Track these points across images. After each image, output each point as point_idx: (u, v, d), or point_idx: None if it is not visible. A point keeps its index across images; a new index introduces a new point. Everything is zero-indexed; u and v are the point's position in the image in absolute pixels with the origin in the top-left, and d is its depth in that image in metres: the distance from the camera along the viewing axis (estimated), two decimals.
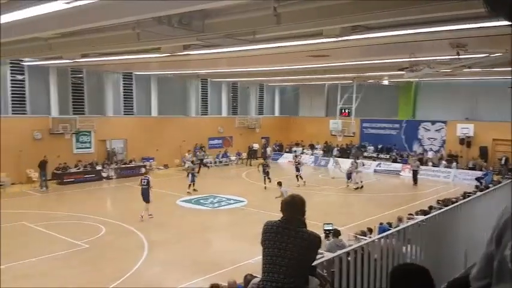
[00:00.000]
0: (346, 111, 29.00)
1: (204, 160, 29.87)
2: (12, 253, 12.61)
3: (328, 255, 4.64)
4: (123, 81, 28.23)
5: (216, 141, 33.55)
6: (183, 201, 19.90)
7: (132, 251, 13.21)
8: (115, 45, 12.65)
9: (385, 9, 7.56)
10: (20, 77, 23.46)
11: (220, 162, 32.22)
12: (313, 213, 3.97)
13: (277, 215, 3.88)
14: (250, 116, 36.46)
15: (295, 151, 33.92)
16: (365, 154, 32.75)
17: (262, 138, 36.84)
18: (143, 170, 26.98)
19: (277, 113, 39.75)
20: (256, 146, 35.77)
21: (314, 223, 3.91)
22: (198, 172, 24.91)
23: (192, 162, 24.96)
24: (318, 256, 4.09)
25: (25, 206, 17.77)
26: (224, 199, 20.67)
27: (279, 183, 18.12)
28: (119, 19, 8.51)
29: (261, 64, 19.23)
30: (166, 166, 29.32)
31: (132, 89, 28.78)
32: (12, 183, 22.09)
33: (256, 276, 6.94)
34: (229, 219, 17.76)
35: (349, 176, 23.74)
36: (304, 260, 3.53)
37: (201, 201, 20.09)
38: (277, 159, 35.34)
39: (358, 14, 7.91)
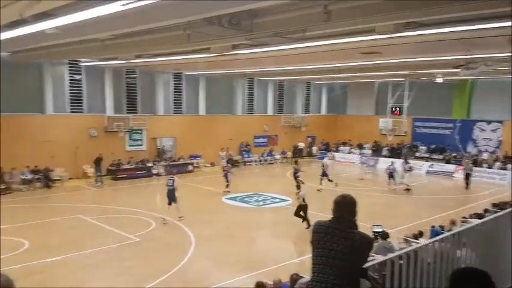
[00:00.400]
0: (398, 109, 28.19)
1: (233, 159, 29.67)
2: (69, 245, 13.33)
3: (380, 258, 4.53)
4: (174, 81, 28.98)
5: (261, 140, 33.69)
6: (228, 198, 20.15)
7: (180, 245, 13.55)
8: (166, 46, 13.01)
9: (440, 5, 7.28)
10: (77, 77, 24.65)
11: (265, 160, 32.31)
12: (361, 215, 3.86)
13: (321, 215, 3.84)
14: (296, 114, 36.29)
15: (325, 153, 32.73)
16: (416, 154, 31.70)
17: (308, 136, 36.58)
18: (190, 168, 27.62)
19: (324, 112, 39.28)
20: (301, 144, 35.58)
21: (362, 224, 3.79)
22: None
23: (228, 161, 24.84)
24: (369, 259, 3.99)
25: (81, 200, 18.68)
26: (269, 197, 20.73)
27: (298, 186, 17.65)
28: (171, 20, 8.73)
29: (309, 62, 19.06)
30: (212, 164, 29.80)
31: (181, 89, 29.48)
32: (70, 178, 23.28)
33: (302, 276, 6.92)
34: (273, 218, 17.79)
35: (391, 175, 23.02)
36: (355, 262, 3.44)
37: (246, 199, 20.25)
38: (323, 158, 34.89)
39: (412, 10, 7.67)
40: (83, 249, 12.98)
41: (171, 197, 16.26)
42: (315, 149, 36.39)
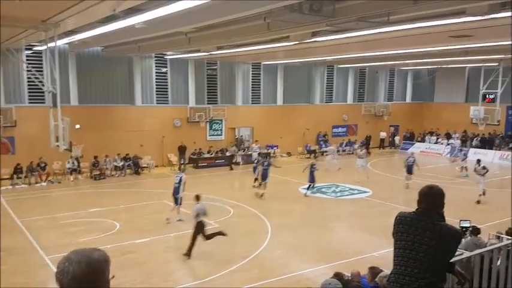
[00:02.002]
0: (490, 96, 26.01)
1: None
2: (155, 228, 14.21)
3: (468, 254, 4.24)
4: (252, 71, 29.35)
5: (340, 130, 33.00)
6: (305, 188, 20.05)
7: (257, 233, 13.80)
8: (247, 36, 13.16)
9: None
10: (163, 70, 25.97)
11: (344, 151, 31.58)
12: (449, 209, 3.61)
13: (403, 208, 3.64)
14: (378, 102, 34.95)
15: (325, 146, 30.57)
16: (511, 145, 29.10)
17: (391, 126, 35.13)
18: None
19: (408, 99, 37.34)
20: (383, 134, 34.29)
21: (449, 219, 3.54)
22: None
23: (260, 154, 23.96)
24: (457, 253, 3.74)
25: (166, 186, 19.67)
26: (347, 188, 20.29)
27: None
28: (252, 10, 8.80)
29: (394, 47, 18.18)
30: (289, 154, 29.84)
31: (260, 79, 29.77)
32: (156, 166, 24.68)
33: (382, 270, 6.70)
34: (352, 209, 17.40)
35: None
36: (442, 255, 3.24)
37: (323, 189, 20.00)
38: (407, 148, 33.37)
39: None
40: (167, 233, 13.76)
41: (177, 196, 15.10)
42: (397, 139, 34.87)
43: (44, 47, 14.46)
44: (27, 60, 20.67)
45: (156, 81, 25.82)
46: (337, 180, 21.55)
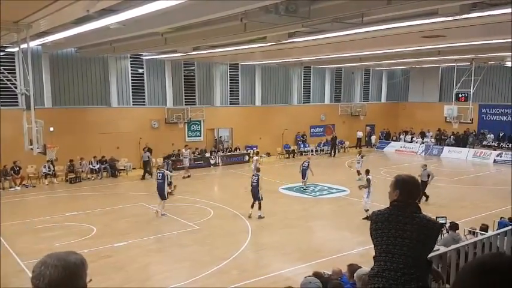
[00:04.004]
0: (463, 95, 26.67)
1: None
2: (133, 231, 14.02)
3: (444, 249, 4.32)
4: (230, 71, 29.33)
5: (318, 130, 33.30)
6: (284, 188, 20.16)
7: (238, 234, 13.79)
8: (223, 37, 13.15)
9: None
10: (139, 70, 25.67)
11: (322, 150, 31.90)
12: (425, 206, 3.65)
13: (382, 206, 3.59)
14: (355, 102, 35.44)
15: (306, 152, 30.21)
16: (484, 143, 29.94)
17: (367, 125, 35.65)
18: (247, 158, 27.95)
19: (384, 99, 38.01)
20: (360, 134, 34.75)
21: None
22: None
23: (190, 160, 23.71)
24: (434, 249, 3.76)
25: (143, 189, 19.50)
26: (326, 188, 20.49)
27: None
28: (228, 11, 8.80)
29: (368, 48, 18.48)
30: (268, 154, 29.93)
31: (238, 79, 29.77)
32: (133, 168, 24.37)
33: (361, 267, 6.78)
34: (331, 208, 17.57)
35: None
36: (425, 248, 3.19)
37: (303, 189, 20.14)
38: (384, 147, 33.99)
39: None
40: (146, 236, 13.60)
41: (161, 193, 15.59)
42: (373, 138, 35.41)
43: (16, 49, 14.12)
44: None
45: (132, 82, 25.50)
46: (317, 179, 21.71)
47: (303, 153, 30.90)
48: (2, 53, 20.39)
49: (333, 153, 31.18)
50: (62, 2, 8.33)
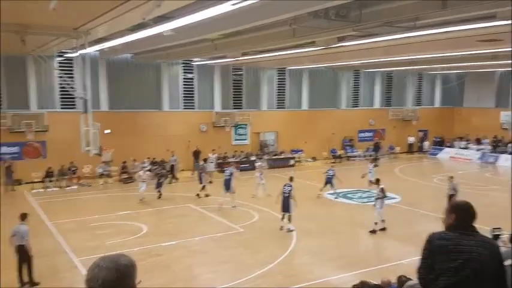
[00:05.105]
0: None
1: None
2: (181, 232, 14.38)
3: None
4: (277, 76, 29.40)
5: (366, 134, 32.59)
6: (330, 194, 19.89)
7: (282, 238, 13.75)
8: (272, 43, 13.22)
9: None
10: (190, 76, 26.35)
11: (370, 156, 31.15)
12: (480, 216, 3.57)
13: (432, 215, 3.61)
14: (406, 107, 34.39)
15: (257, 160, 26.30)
16: None
17: (420, 131, 34.49)
18: (292, 162, 27.85)
19: (437, 104, 36.55)
20: (411, 139, 33.70)
21: (479, 227, 3.49)
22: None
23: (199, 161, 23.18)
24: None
25: (191, 190, 19.89)
26: (374, 194, 19.94)
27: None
28: (278, 16, 8.84)
29: (422, 51, 17.90)
30: (314, 158, 29.65)
31: (285, 84, 29.77)
32: (182, 170, 24.91)
33: (410, 279, 6.57)
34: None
35: None
36: (498, 269, 3.24)
37: (349, 195, 19.78)
38: (437, 154, 32.71)
39: None
40: (193, 236, 13.88)
41: (227, 187, 17.48)
42: (426, 144, 34.20)
43: (75, 54, 14.90)
44: (59, 66, 21.34)
45: (183, 87, 26.20)
46: (365, 185, 21.24)
47: (350, 159, 30.37)
48: (61, 58, 21.60)
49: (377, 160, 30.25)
50: (119, 10, 8.72)
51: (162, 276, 10.70)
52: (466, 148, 31.94)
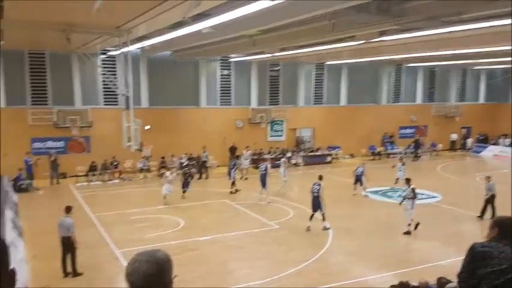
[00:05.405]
0: None
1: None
2: (217, 227, 14.55)
3: None
4: (316, 71, 29.09)
5: (407, 131, 31.73)
6: (369, 191, 19.52)
7: (318, 236, 13.62)
8: (311, 37, 13.07)
9: None
10: (226, 72, 26.52)
11: (412, 153, 30.31)
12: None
13: (474, 215, 3.57)
14: (449, 103, 33.20)
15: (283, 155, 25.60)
16: None
17: (463, 128, 33.25)
18: (329, 159, 27.51)
19: (481, 100, 35.12)
20: (454, 136, 32.54)
21: None
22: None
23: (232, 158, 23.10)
24: None
25: (226, 186, 20.04)
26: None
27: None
28: (317, 11, 8.72)
29: (466, 46, 17.21)
30: (352, 155, 29.17)
31: (323, 79, 29.42)
32: (218, 166, 25.19)
33: (451, 281, 6.35)
34: (419, 215, 16.54)
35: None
36: None
37: (389, 193, 19.34)
38: (480, 152, 31.44)
39: None
40: (227, 232, 14.00)
41: (263, 183, 17.71)
42: (469, 141, 32.94)
43: (118, 52, 15.32)
44: (102, 64, 22.03)
45: (221, 83, 26.41)
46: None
47: (390, 156, 29.69)
48: (104, 56, 22.28)
49: (416, 157, 29.38)
50: (159, 8, 8.88)
51: (198, 270, 10.85)
52: (511, 146, 30.50)
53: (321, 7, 8.29)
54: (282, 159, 21.83)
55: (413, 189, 14.04)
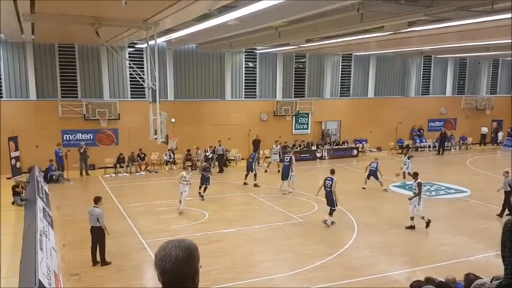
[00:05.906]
0: None
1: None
2: (241, 219, 14.66)
3: None
4: (342, 62, 28.68)
5: (436, 124, 31.00)
6: (395, 186, 19.21)
7: (342, 230, 13.54)
8: (338, 28, 12.88)
9: None
10: (251, 64, 26.46)
11: (435, 147, 29.60)
12: None
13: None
14: (480, 95, 32.23)
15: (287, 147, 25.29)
16: None
17: (494, 121, 32.24)
18: (355, 152, 27.18)
19: None
20: (485, 129, 31.62)
21: None
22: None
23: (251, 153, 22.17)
24: None
25: (250, 179, 20.07)
26: (443, 187, 19.06)
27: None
28: (346, 1, 8.57)
29: (498, 36, 16.61)
30: (379, 149, 28.73)
31: (350, 71, 28.96)
32: (242, 159, 25.22)
33: (479, 277, 6.20)
34: (447, 210, 16.28)
35: None
36: None
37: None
38: (511, 146, 30.46)
39: None
40: (252, 224, 14.08)
41: (285, 174, 17.73)
42: (500, 135, 31.93)
43: (145, 45, 15.49)
44: (129, 57, 22.35)
45: (245, 76, 26.39)
46: (434, 178, 20.32)
47: (419, 149, 29.12)
48: (131, 49, 22.58)
49: (441, 151, 28.60)
50: (186, 1, 8.91)
51: (223, 262, 10.96)
52: None
53: None
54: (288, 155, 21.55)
55: (419, 184, 13.60)
